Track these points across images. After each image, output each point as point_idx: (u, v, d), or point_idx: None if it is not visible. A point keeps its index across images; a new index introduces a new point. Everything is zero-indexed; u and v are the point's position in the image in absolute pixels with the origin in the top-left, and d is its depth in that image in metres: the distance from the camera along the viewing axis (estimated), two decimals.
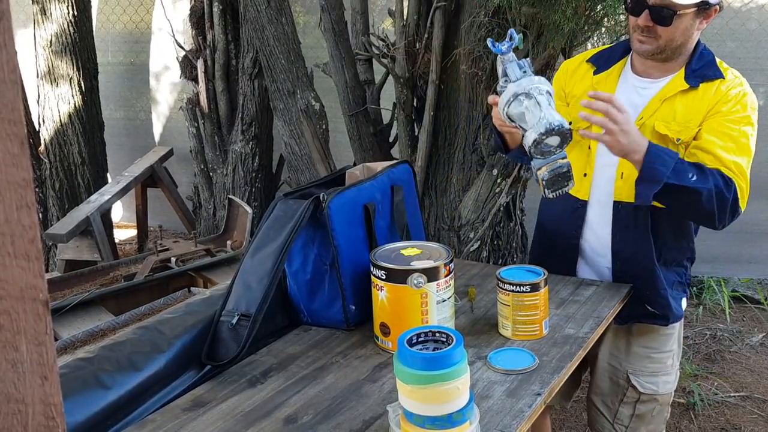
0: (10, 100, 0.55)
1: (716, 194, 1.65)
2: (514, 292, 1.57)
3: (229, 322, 1.53)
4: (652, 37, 1.72)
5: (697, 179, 1.64)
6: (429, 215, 3.40)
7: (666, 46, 1.74)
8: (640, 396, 1.93)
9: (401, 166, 1.92)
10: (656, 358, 1.92)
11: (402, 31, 3.34)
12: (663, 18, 1.68)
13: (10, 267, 0.57)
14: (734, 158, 1.70)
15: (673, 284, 1.89)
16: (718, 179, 1.67)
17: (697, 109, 1.76)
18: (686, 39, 1.74)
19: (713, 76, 1.77)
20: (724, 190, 1.66)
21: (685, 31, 1.72)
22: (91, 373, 1.33)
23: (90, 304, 2.75)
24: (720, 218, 1.69)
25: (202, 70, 4.31)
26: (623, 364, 1.93)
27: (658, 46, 1.73)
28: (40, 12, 4.47)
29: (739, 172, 1.70)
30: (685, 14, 1.69)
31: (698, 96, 1.76)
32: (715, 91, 1.75)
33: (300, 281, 1.67)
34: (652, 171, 1.63)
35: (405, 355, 1.14)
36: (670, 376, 1.96)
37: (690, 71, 1.78)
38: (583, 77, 1.92)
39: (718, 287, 4.18)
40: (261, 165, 4.36)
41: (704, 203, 1.66)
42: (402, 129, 3.46)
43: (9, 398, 0.59)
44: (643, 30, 1.72)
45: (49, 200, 4.68)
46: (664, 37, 1.71)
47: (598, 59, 1.92)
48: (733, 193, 1.68)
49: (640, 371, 1.92)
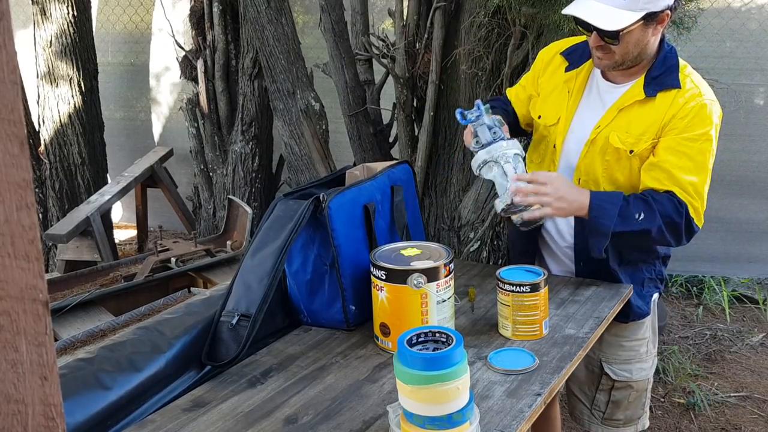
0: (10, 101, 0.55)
1: (666, 225, 1.69)
2: (514, 292, 1.57)
3: (229, 322, 1.53)
4: (608, 53, 1.73)
5: (644, 218, 1.67)
6: (429, 215, 3.40)
7: (623, 59, 1.74)
8: (614, 383, 1.96)
9: (401, 166, 1.92)
10: (628, 346, 1.94)
11: (402, 31, 3.34)
12: (610, 38, 1.69)
13: (10, 267, 0.57)
14: (690, 178, 1.71)
15: (643, 281, 1.90)
16: (667, 208, 1.68)
17: (652, 120, 1.74)
18: (643, 48, 1.73)
19: (670, 85, 1.74)
20: (674, 218, 1.69)
21: (638, 43, 1.71)
22: (91, 374, 1.33)
23: (90, 305, 2.75)
24: (676, 242, 1.74)
25: (202, 70, 4.31)
26: (596, 352, 1.95)
27: (615, 61, 1.74)
28: (40, 12, 4.47)
29: (695, 191, 1.72)
30: (631, 30, 1.67)
31: (654, 106, 1.75)
32: (671, 104, 1.73)
33: (300, 281, 1.67)
34: (598, 225, 1.68)
35: (405, 356, 1.14)
36: (645, 363, 1.97)
37: (650, 79, 1.76)
38: (555, 72, 1.93)
39: (718, 287, 4.18)
40: (261, 165, 4.36)
41: (655, 237, 1.71)
42: (402, 129, 3.46)
43: (9, 398, 0.59)
44: (597, 48, 1.74)
45: (49, 200, 4.68)
46: (619, 53, 1.72)
47: (572, 54, 1.92)
48: (684, 218, 1.70)
49: (612, 359, 1.95)
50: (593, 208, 1.68)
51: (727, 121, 1.77)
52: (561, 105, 1.88)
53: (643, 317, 1.93)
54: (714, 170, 1.80)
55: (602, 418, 2.00)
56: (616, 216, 1.67)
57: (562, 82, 1.90)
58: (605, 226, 1.67)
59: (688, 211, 1.71)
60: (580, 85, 1.87)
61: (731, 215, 4.31)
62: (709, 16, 3.99)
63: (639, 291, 1.90)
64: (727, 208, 4.28)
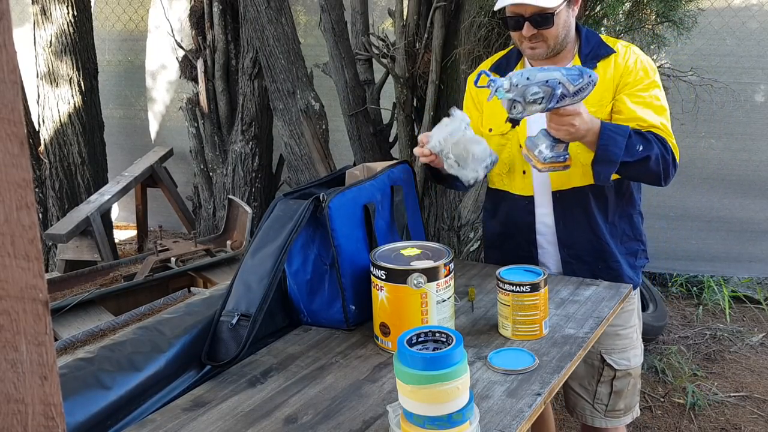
0: (10, 100, 0.55)
1: (661, 157, 1.79)
2: (514, 292, 1.57)
3: (228, 322, 1.53)
4: (540, 41, 1.84)
5: (644, 149, 1.77)
6: (429, 215, 3.40)
7: (554, 44, 1.85)
8: (615, 373, 2.02)
9: (401, 166, 1.92)
10: (623, 334, 2.01)
11: (402, 31, 3.34)
12: (544, 22, 1.80)
13: (10, 267, 0.57)
14: (659, 119, 1.84)
15: (636, 253, 2.00)
16: (657, 142, 1.80)
17: (605, 87, 1.86)
18: (568, 30, 1.86)
19: (605, 53, 1.89)
20: (664, 152, 1.80)
21: (565, 24, 1.84)
22: (91, 374, 1.33)
23: (90, 304, 2.75)
24: (665, 177, 1.83)
25: (202, 70, 4.31)
26: (595, 345, 1.98)
27: (548, 46, 1.85)
28: (40, 12, 4.47)
29: (667, 131, 1.85)
30: (559, 12, 1.81)
31: (600, 75, 1.84)
32: (614, 66, 1.87)
33: (300, 281, 1.67)
34: (607, 153, 1.75)
35: (405, 355, 1.14)
36: (637, 349, 2.06)
37: (583, 57, 1.90)
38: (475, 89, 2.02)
39: (718, 287, 4.18)
40: (261, 165, 4.36)
41: (653, 168, 1.80)
42: (402, 129, 3.46)
43: (9, 398, 0.59)
44: (530, 39, 1.84)
45: (49, 200, 4.68)
46: (551, 38, 1.83)
47: (498, 67, 2.01)
48: (670, 152, 1.82)
49: (611, 349, 2.01)
50: (603, 135, 1.74)
51: (727, 121, 1.81)
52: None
53: (633, 285, 1.98)
54: (714, 170, 1.86)
55: (605, 411, 2.05)
56: (624, 147, 1.74)
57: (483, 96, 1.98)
58: (614, 154, 1.74)
59: (671, 147, 1.83)
60: None
61: (731, 215, 4.31)
62: (710, 15, 3.99)
63: (632, 262, 2.00)
64: (728, 207, 4.28)
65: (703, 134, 4.19)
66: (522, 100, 1.64)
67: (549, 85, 1.64)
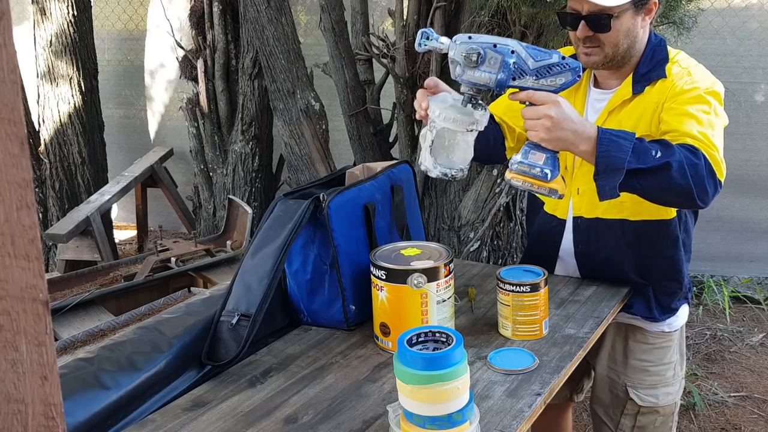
0: (10, 100, 0.55)
1: (688, 165, 1.44)
2: (514, 292, 1.57)
3: (228, 322, 1.53)
4: (596, 46, 1.64)
5: (662, 155, 1.44)
6: (429, 215, 3.40)
7: (613, 53, 1.65)
8: (639, 409, 1.87)
9: (401, 166, 1.92)
10: (654, 371, 1.86)
11: (402, 31, 3.35)
12: (601, 25, 1.60)
13: (10, 267, 0.57)
14: (698, 128, 1.53)
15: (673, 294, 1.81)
16: (683, 150, 1.47)
17: (642, 112, 1.67)
18: (632, 40, 1.65)
19: (656, 77, 1.67)
20: (693, 159, 1.46)
21: (628, 33, 1.63)
22: (91, 373, 1.33)
23: (90, 304, 2.75)
24: (699, 193, 1.46)
25: (202, 70, 4.31)
26: (621, 376, 1.88)
27: (606, 55, 1.65)
28: (40, 12, 4.47)
29: (708, 141, 1.51)
30: (622, 15, 1.60)
31: (644, 99, 1.68)
32: (659, 91, 1.65)
33: (300, 281, 1.67)
34: (609, 160, 1.42)
35: (405, 355, 1.14)
36: (672, 387, 1.87)
37: (638, 77, 1.69)
38: None
39: (718, 287, 4.18)
40: (261, 165, 4.36)
41: (677, 179, 1.43)
42: (402, 129, 3.46)
43: (9, 398, 0.59)
44: (585, 42, 1.65)
45: (49, 200, 4.68)
46: (608, 44, 1.63)
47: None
48: (703, 160, 1.47)
49: (638, 384, 1.86)
50: (602, 139, 1.43)
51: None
52: None
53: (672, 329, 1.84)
54: None
55: None
56: (631, 151, 1.42)
57: None
58: (618, 159, 1.41)
59: (706, 157, 1.48)
60: (580, 101, 1.79)
61: (732, 215, 4.32)
62: (710, 15, 3.99)
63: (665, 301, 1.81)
64: (728, 207, 4.29)
65: None
66: (460, 61, 1.41)
67: (497, 51, 1.39)
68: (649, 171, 1.43)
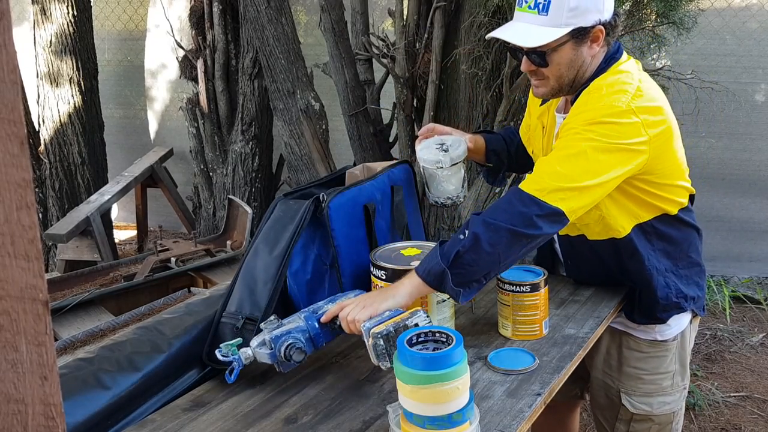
0: (10, 100, 0.55)
1: (497, 214, 1.45)
2: (514, 292, 1.57)
3: (234, 325, 1.52)
4: (541, 79, 1.62)
5: (468, 232, 1.44)
6: (429, 215, 3.40)
7: (559, 85, 1.62)
8: (633, 415, 1.84)
9: (401, 166, 1.92)
10: (649, 379, 1.82)
11: (402, 31, 3.35)
12: (539, 61, 1.58)
13: (10, 267, 0.57)
14: (549, 167, 1.50)
15: (670, 307, 1.76)
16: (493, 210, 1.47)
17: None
18: (578, 69, 1.60)
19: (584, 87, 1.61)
20: (503, 205, 1.47)
21: (571, 64, 1.58)
22: (91, 373, 1.33)
23: (90, 304, 2.75)
24: (526, 224, 1.44)
25: (202, 70, 4.31)
26: (615, 382, 1.86)
27: (552, 87, 1.62)
28: (40, 12, 4.47)
29: (540, 177, 1.49)
30: (560, 48, 1.56)
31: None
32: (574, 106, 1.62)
33: (300, 281, 1.67)
34: (431, 273, 1.43)
35: (405, 355, 1.14)
36: (669, 396, 1.83)
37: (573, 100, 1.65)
38: (533, 103, 1.88)
39: (718, 287, 4.18)
40: (261, 165, 4.36)
41: (495, 232, 1.43)
42: (402, 129, 3.46)
43: (9, 398, 0.59)
44: (531, 75, 1.64)
45: (49, 200, 4.68)
46: (552, 77, 1.60)
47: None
48: (518, 195, 1.47)
49: (632, 391, 1.83)
50: (417, 269, 1.45)
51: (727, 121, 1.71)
52: (538, 140, 1.83)
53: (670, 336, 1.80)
54: (714, 170, 1.75)
55: None
56: (438, 255, 1.43)
57: (536, 117, 1.83)
58: (436, 264, 1.42)
59: (523, 192, 1.47)
60: (551, 120, 1.78)
61: (732, 215, 4.32)
62: (710, 15, 4.00)
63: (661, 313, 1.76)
64: (728, 207, 4.29)
65: (704, 134, 4.19)
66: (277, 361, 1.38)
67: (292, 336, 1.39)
68: (466, 250, 1.42)
